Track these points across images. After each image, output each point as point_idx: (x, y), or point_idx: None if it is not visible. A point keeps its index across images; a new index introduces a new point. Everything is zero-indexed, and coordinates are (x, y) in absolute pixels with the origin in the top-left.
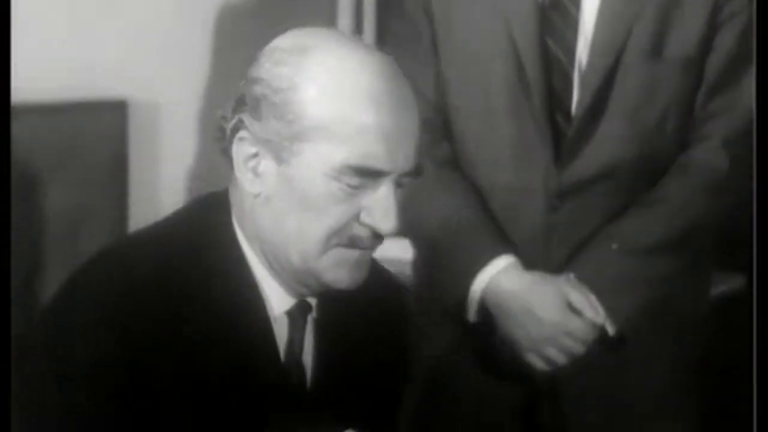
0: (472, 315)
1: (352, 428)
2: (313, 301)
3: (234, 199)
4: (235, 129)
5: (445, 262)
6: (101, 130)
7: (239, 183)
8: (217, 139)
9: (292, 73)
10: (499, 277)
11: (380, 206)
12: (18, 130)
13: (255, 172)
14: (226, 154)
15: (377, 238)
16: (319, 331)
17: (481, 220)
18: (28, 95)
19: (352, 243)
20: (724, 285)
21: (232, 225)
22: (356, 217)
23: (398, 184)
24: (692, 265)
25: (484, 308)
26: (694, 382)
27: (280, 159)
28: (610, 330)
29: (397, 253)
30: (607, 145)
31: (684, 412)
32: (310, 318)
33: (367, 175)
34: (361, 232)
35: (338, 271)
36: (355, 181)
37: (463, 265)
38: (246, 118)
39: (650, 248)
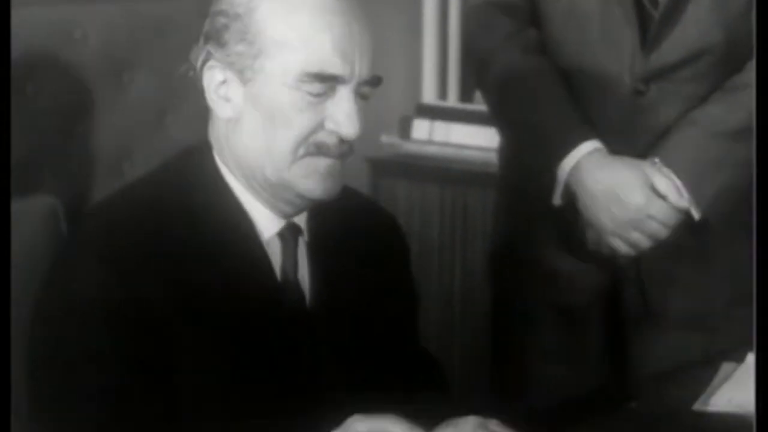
0: (557, 199)
1: (357, 345)
2: (302, 223)
3: (212, 135)
4: (204, 61)
5: (531, 146)
6: (188, 16)
7: (212, 111)
8: (191, 78)
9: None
10: (584, 160)
11: (342, 111)
12: (107, 16)
13: (225, 98)
14: (199, 88)
15: (343, 143)
16: (312, 254)
17: (567, 104)
18: None
19: (320, 150)
20: None
21: (214, 160)
22: (321, 125)
23: (358, 94)
24: None
25: (569, 192)
26: None
27: (245, 79)
28: (695, 214)
29: (484, 141)
30: (694, 29)
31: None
32: (302, 241)
33: (326, 80)
34: (327, 138)
35: (309, 180)
36: (315, 88)
37: (549, 149)
38: (212, 48)
39: (736, 132)
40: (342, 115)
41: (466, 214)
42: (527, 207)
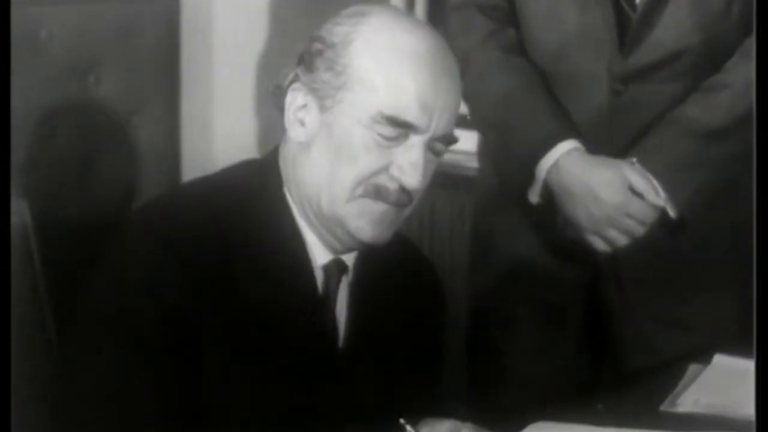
0: (535, 197)
1: (382, 386)
2: (349, 261)
3: (282, 156)
4: (291, 81)
5: (510, 145)
6: (154, 18)
7: (287, 133)
8: (275, 95)
9: (347, 31)
10: (563, 160)
11: (409, 160)
12: (74, 17)
13: (302, 121)
14: (280, 107)
15: (403, 193)
16: (352, 295)
17: (546, 104)
18: None
19: (378, 193)
20: None
21: (280, 178)
22: (385, 169)
23: (431, 149)
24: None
25: (547, 190)
26: (752, 266)
27: (324, 107)
28: (672, 212)
29: (465, 145)
30: (672, 31)
31: (743, 295)
32: (345, 280)
33: (400, 126)
34: (387, 183)
35: (361, 220)
36: (387, 131)
37: (528, 148)
38: (301, 71)
39: (712, 132)
40: (408, 164)
41: (434, 217)
42: (506, 205)
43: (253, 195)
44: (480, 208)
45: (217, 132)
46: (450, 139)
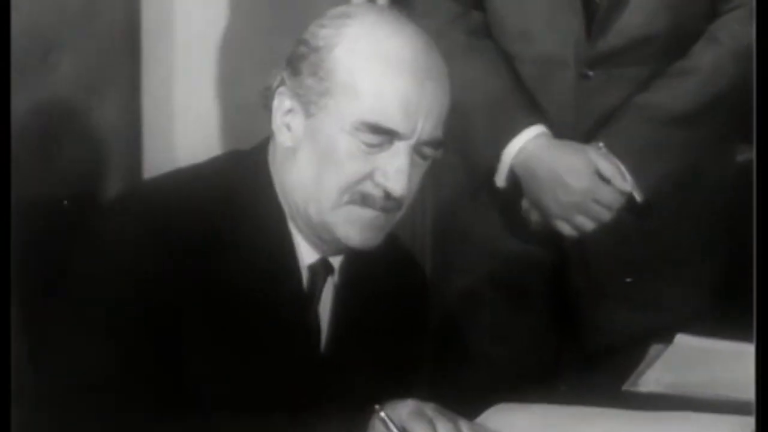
0: (501, 181)
1: (360, 384)
2: (335, 263)
3: (271, 158)
4: (278, 85)
5: (476, 130)
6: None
7: (274, 136)
8: (263, 96)
9: (331, 34)
10: (530, 145)
11: (393, 166)
12: None
13: (288, 126)
14: (268, 108)
15: (389, 199)
16: (337, 297)
17: (513, 88)
18: None
19: (364, 201)
20: (748, 154)
21: (271, 178)
22: (371, 176)
23: (419, 154)
24: (719, 134)
25: (514, 175)
26: (718, 249)
27: (308, 113)
28: (638, 197)
29: None
30: (639, 15)
31: (705, 277)
32: (331, 280)
33: (382, 133)
34: (373, 191)
35: (350, 227)
36: (371, 139)
37: (494, 133)
38: (287, 75)
39: (679, 117)
40: (392, 170)
41: None
42: (472, 188)
43: (244, 190)
44: (446, 191)
45: (178, 113)
46: (438, 143)
